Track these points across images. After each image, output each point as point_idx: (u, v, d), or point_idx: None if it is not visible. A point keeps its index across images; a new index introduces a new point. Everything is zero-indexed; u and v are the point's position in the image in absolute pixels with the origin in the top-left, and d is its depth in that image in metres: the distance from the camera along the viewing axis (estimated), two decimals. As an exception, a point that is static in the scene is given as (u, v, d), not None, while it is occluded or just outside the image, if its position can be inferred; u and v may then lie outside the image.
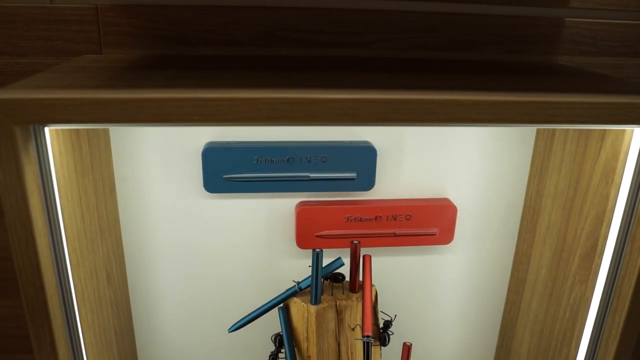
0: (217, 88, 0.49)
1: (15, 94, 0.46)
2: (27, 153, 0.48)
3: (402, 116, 0.50)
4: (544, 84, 0.59)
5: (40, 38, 0.68)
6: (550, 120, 0.52)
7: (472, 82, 0.58)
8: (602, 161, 0.64)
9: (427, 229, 0.78)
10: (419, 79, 0.58)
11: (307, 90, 0.50)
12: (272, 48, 0.71)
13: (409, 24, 0.72)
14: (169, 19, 0.69)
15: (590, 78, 0.65)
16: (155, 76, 0.55)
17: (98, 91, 0.47)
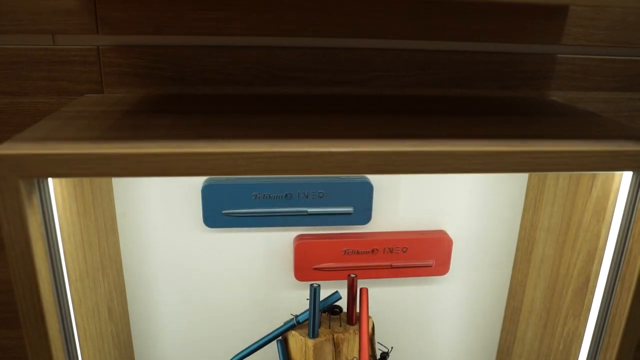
0: (215, 139, 0.51)
1: (19, 149, 0.47)
2: (31, 204, 0.50)
3: (395, 168, 0.51)
4: (535, 128, 0.60)
5: (43, 78, 0.70)
6: (541, 168, 0.53)
7: (465, 127, 0.59)
8: (593, 199, 0.65)
9: (423, 260, 0.79)
10: (412, 124, 0.60)
11: (302, 142, 0.51)
12: (269, 87, 0.73)
13: (404, 62, 0.74)
14: (169, 59, 0.70)
15: (581, 118, 0.66)
16: (155, 124, 0.56)
17: (100, 145, 0.49)
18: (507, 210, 0.82)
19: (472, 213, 0.81)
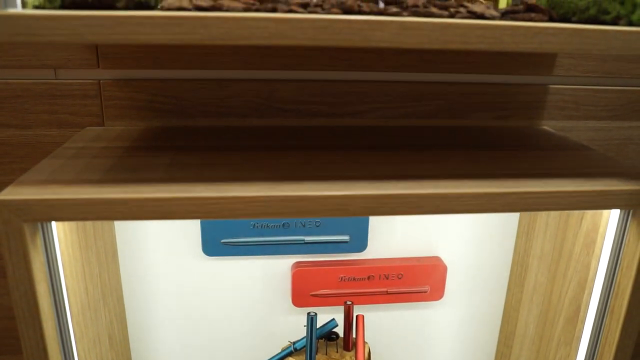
0: (214, 182, 0.52)
1: (23, 193, 0.49)
2: (35, 246, 0.51)
3: (389, 210, 0.53)
4: (525, 165, 0.61)
5: (45, 111, 0.71)
6: (531, 208, 0.55)
7: (457, 164, 0.61)
8: (583, 231, 0.67)
9: (418, 287, 0.81)
10: (406, 161, 0.61)
11: (298, 184, 0.53)
12: (267, 119, 0.74)
13: (399, 94, 0.75)
14: (169, 93, 0.72)
15: (571, 152, 0.67)
16: (155, 164, 0.58)
17: (101, 188, 0.50)
18: (501, 237, 0.83)
19: (466, 239, 0.83)
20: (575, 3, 0.53)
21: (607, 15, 0.52)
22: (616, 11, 0.51)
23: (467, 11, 0.50)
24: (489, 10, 0.50)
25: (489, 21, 0.49)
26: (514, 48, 0.49)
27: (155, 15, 0.44)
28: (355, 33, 0.46)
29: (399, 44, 0.47)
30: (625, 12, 0.51)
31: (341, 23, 0.46)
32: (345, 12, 0.48)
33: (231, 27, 0.45)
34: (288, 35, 0.46)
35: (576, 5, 0.53)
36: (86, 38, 0.44)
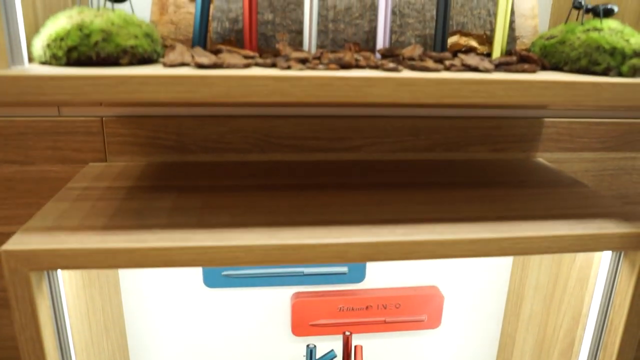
0: (215, 228, 0.54)
1: (30, 243, 0.50)
2: (41, 292, 0.52)
3: (386, 256, 0.54)
4: (518, 205, 0.63)
5: (49, 148, 0.72)
6: (523, 252, 0.56)
7: (452, 205, 0.62)
8: (577, 266, 0.68)
9: (416, 316, 0.82)
10: (401, 202, 0.62)
11: (298, 229, 0.54)
12: (267, 154, 0.75)
13: (397, 129, 0.77)
14: (170, 129, 0.73)
15: (564, 189, 0.69)
16: (157, 207, 0.59)
17: (106, 237, 0.51)
18: (497, 266, 0.84)
19: (463, 269, 0.84)
20: (567, 53, 0.54)
21: (597, 67, 0.53)
22: (606, 62, 0.53)
23: (462, 64, 0.51)
24: (483, 63, 0.51)
25: (482, 75, 0.50)
26: (507, 101, 0.50)
27: (158, 75, 0.45)
28: (353, 90, 0.48)
29: (396, 100, 0.49)
30: (615, 63, 0.52)
31: (339, 80, 0.47)
32: (343, 66, 0.49)
33: (232, 85, 0.46)
34: (287, 93, 0.47)
35: (568, 55, 0.54)
36: (91, 97, 0.46)
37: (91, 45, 0.47)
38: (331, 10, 0.57)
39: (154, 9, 0.55)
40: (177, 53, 0.50)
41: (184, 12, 0.55)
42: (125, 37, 0.48)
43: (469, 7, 0.60)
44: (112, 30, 0.48)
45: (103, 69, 0.46)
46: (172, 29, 0.55)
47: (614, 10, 0.56)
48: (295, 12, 0.57)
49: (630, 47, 0.53)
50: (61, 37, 0.47)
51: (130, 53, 0.48)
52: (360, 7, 0.58)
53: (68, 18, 0.48)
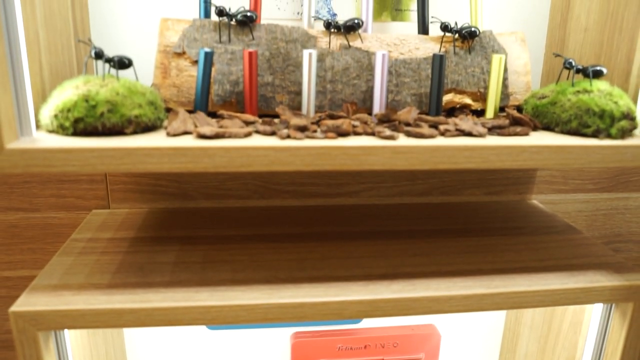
0: (217, 287, 0.55)
1: (37, 304, 0.51)
2: (48, 350, 0.54)
3: (384, 312, 0.55)
4: (512, 256, 0.64)
5: (53, 195, 0.74)
6: (516, 306, 0.58)
7: (447, 256, 0.64)
8: (571, 310, 0.70)
9: (413, 354, 0.84)
10: (397, 253, 0.64)
11: (297, 287, 0.56)
12: (267, 200, 0.77)
13: (393, 174, 0.78)
14: (171, 177, 0.75)
15: (558, 237, 0.70)
16: (161, 262, 0.60)
17: (111, 296, 0.53)
18: (493, 305, 0.86)
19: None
20: (558, 114, 0.56)
21: (587, 129, 0.55)
22: (596, 125, 0.54)
23: (456, 129, 0.53)
24: (477, 128, 0.53)
25: (476, 139, 0.52)
26: (499, 166, 0.52)
27: (162, 147, 0.47)
28: (350, 158, 0.49)
29: (392, 167, 0.50)
30: (605, 126, 0.54)
31: (337, 150, 0.49)
32: (340, 134, 0.51)
33: (233, 156, 0.48)
34: (287, 162, 0.49)
35: (559, 116, 0.56)
36: (97, 168, 0.47)
37: (97, 116, 0.49)
38: (329, 71, 0.59)
39: (157, 72, 0.57)
40: (179, 121, 0.52)
41: (186, 75, 0.57)
42: (130, 107, 0.50)
43: (463, 65, 0.62)
44: (117, 100, 0.49)
45: (108, 139, 0.48)
46: (174, 92, 0.57)
47: (603, 72, 0.58)
48: (294, 74, 0.58)
49: (619, 110, 0.54)
50: (68, 108, 0.49)
51: (134, 122, 0.50)
52: (357, 67, 0.59)
53: (74, 88, 0.50)
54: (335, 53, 0.59)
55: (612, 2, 0.63)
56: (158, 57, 0.57)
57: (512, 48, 0.64)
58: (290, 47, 0.59)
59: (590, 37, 0.68)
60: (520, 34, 0.65)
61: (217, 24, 0.58)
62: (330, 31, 0.60)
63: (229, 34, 0.58)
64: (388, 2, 0.71)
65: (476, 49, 0.62)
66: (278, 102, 0.59)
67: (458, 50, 0.62)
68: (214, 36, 0.58)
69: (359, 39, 0.61)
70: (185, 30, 0.58)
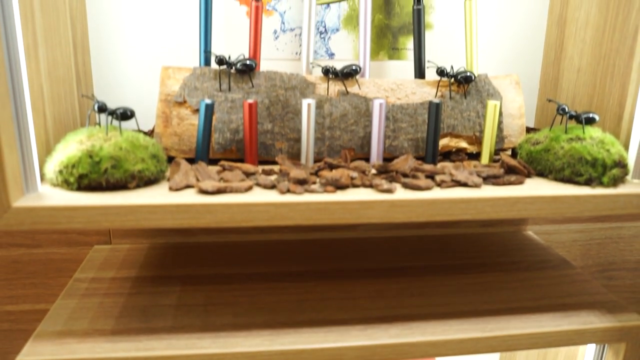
0: (219, 331, 0.57)
1: (42, 353, 0.53)
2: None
3: (381, 357, 0.57)
4: (508, 294, 0.66)
5: (55, 232, 0.75)
6: (510, 348, 0.59)
7: (444, 296, 0.65)
8: (564, 348, 0.71)
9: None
10: (395, 293, 0.65)
11: (296, 332, 0.57)
12: (266, 234, 0.78)
13: (391, 207, 0.79)
14: (173, 212, 0.76)
15: (553, 272, 0.72)
16: (163, 304, 0.62)
17: (115, 344, 0.54)
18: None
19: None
20: (551, 162, 0.58)
21: (580, 177, 0.56)
22: (588, 173, 0.56)
23: (452, 180, 0.54)
24: (472, 178, 0.54)
25: (471, 190, 0.53)
26: (494, 217, 0.53)
27: (165, 204, 0.48)
28: (349, 212, 0.51)
29: (389, 219, 0.51)
30: (597, 174, 0.56)
31: (336, 205, 0.50)
32: (339, 187, 0.52)
33: (235, 212, 0.49)
34: (287, 217, 0.50)
35: (552, 164, 0.57)
36: (102, 225, 0.48)
37: (101, 173, 0.50)
38: (327, 117, 0.60)
39: (158, 121, 0.58)
40: (181, 174, 0.53)
41: (187, 124, 0.58)
42: (133, 162, 0.51)
43: (459, 109, 0.63)
44: (120, 155, 0.50)
45: (112, 195, 0.49)
46: (176, 140, 0.58)
47: (595, 119, 0.59)
48: (293, 121, 0.59)
49: (611, 158, 0.56)
50: (72, 164, 0.50)
51: (137, 177, 0.51)
52: (355, 113, 0.61)
53: (78, 143, 0.51)
54: (333, 100, 0.60)
55: (604, 47, 0.65)
56: (159, 106, 0.58)
57: (507, 91, 0.65)
58: (289, 94, 0.60)
59: (583, 78, 0.69)
60: (515, 76, 0.67)
61: (217, 72, 0.59)
62: (329, 77, 0.61)
63: (229, 82, 0.59)
64: (385, 41, 0.73)
65: (472, 93, 0.64)
66: (277, 149, 0.60)
67: (454, 94, 0.63)
68: (214, 84, 0.59)
69: (357, 84, 0.62)
70: (186, 79, 0.59)
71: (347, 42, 0.72)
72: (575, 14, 0.70)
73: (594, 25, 0.66)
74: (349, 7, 0.71)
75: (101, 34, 0.69)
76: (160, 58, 0.70)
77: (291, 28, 0.71)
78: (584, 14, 0.68)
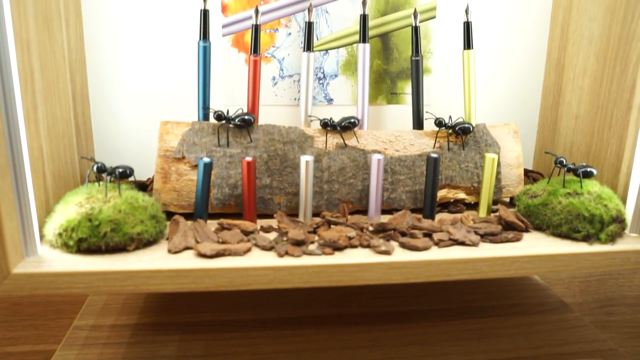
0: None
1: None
2: None
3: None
4: (505, 344, 0.66)
5: (56, 274, 0.75)
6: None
7: (443, 344, 0.65)
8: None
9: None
10: (396, 343, 0.65)
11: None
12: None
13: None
14: (172, 255, 0.76)
15: (551, 318, 0.72)
16: (163, 356, 0.62)
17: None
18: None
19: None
20: (549, 217, 0.58)
21: (577, 234, 0.56)
22: (586, 230, 0.56)
23: (450, 239, 0.54)
24: (470, 236, 0.55)
25: (469, 250, 0.53)
26: (492, 276, 0.53)
27: (164, 269, 0.48)
28: (346, 275, 0.51)
29: (387, 281, 0.52)
30: (594, 231, 0.56)
31: (333, 268, 0.50)
32: (337, 249, 0.52)
33: (234, 276, 0.49)
34: (285, 280, 0.50)
35: (550, 219, 0.58)
36: (101, 290, 0.49)
37: (100, 236, 0.50)
38: (326, 171, 0.60)
39: (157, 177, 0.58)
40: (180, 235, 0.53)
41: (186, 180, 0.58)
42: (132, 224, 0.51)
43: (457, 160, 0.63)
44: (119, 219, 0.51)
45: (111, 259, 0.50)
46: (174, 196, 0.58)
47: (593, 173, 0.59)
48: (291, 175, 0.60)
49: (608, 214, 0.56)
50: (72, 227, 0.50)
51: (137, 240, 0.51)
52: (353, 166, 0.61)
53: (78, 206, 0.51)
54: (331, 153, 0.61)
55: (601, 96, 0.65)
56: (158, 162, 0.58)
57: (505, 141, 0.65)
58: (287, 148, 0.60)
59: (581, 126, 0.69)
60: (513, 125, 0.67)
61: (216, 127, 0.60)
62: (327, 130, 0.62)
63: (227, 137, 0.59)
64: (383, 86, 0.73)
65: (470, 143, 0.64)
66: (276, 204, 0.60)
67: (452, 145, 0.63)
68: (212, 139, 0.59)
69: (355, 136, 0.62)
70: (185, 134, 0.59)
71: (346, 87, 0.72)
72: (573, 60, 0.70)
73: (591, 74, 0.67)
74: (347, 53, 0.71)
75: (100, 83, 0.69)
76: (159, 104, 0.70)
77: (290, 74, 0.71)
78: (582, 62, 0.68)
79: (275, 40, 0.70)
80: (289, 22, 0.69)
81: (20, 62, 0.49)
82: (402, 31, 0.71)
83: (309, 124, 0.65)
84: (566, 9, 0.71)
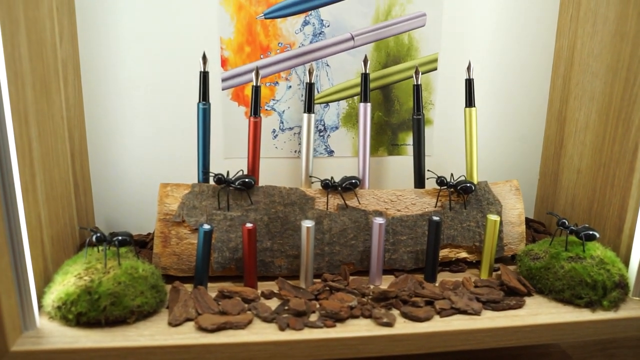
0: None
1: None
2: None
3: None
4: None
5: None
6: None
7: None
8: None
9: None
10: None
11: None
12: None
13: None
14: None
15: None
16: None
17: None
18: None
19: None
20: (551, 282, 0.57)
21: (580, 300, 0.56)
22: (588, 296, 0.56)
23: (452, 307, 0.54)
24: (472, 305, 0.54)
25: (471, 319, 0.53)
26: (494, 346, 0.53)
27: (165, 345, 0.48)
28: (348, 348, 0.50)
29: (388, 353, 0.51)
30: (597, 297, 0.55)
31: (335, 342, 0.50)
32: (338, 320, 0.52)
33: (235, 351, 0.49)
34: (287, 355, 0.50)
35: (552, 284, 0.57)
36: (100, 367, 0.48)
37: (100, 310, 0.49)
38: (327, 233, 0.60)
39: (157, 241, 0.58)
40: (180, 305, 0.53)
41: (186, 244, 0.58)
42: (132, 296, 0.51)
43: (459, 220, 0.63)
44: (119, 291, 0.50)
45: (111, 332, 0.49)
46: (175, 260, 0.58)
47: (596, 236, 0.59)
48: (292, 238, 0.59)
49: (611, 279, 0.56)
50: (71, 301, 0.50)
51: (137, 312, 0.51)
52: (354, 228, 0.60)
53: (77, 278, 0.51)
54: (333, 214, 0.60)
55: (604, 154, 0.65)
56: (158, 226, 0.58)
57: (507, 198, 0.65)
58: (288, 210, 0.60)
59: (583, 181, 0.69)
60: (515, 182, 0.67)
61: (216, 189, 0.59)
62: (328, 191, 0.61)
63: (227, 200, 0.59)
64: (384, 137, 0.73)
65: (471, 202, 0.64)
66: (277, 266, 0.60)
67: (454, 204, 0.63)
68: (212, 202, 0.59)
69: (356, 197, 0.62)
70: (184, 197, 0.59)
71: (347, 139, 0.72)
72: (575, 115, 0.70)
73: (593, 130, 0.66)
74: (348, 105, 0.71)
75: (99, 137, 0.69)
76: (159, 159, 0.70)
77: (290, 127, 0.70)
78: (584, 117, 0.68)
79: (276, 93, 0.69)
80: (289, 75, 0.69)
81: (17, 135, 0.48)
82: (403, 83, 0.71)
83: (310, 185, 0.64)
84: (567, 60, 0.71)
